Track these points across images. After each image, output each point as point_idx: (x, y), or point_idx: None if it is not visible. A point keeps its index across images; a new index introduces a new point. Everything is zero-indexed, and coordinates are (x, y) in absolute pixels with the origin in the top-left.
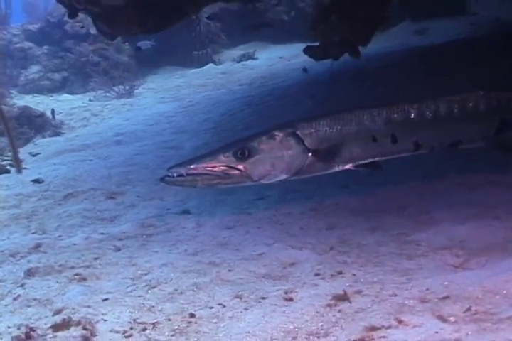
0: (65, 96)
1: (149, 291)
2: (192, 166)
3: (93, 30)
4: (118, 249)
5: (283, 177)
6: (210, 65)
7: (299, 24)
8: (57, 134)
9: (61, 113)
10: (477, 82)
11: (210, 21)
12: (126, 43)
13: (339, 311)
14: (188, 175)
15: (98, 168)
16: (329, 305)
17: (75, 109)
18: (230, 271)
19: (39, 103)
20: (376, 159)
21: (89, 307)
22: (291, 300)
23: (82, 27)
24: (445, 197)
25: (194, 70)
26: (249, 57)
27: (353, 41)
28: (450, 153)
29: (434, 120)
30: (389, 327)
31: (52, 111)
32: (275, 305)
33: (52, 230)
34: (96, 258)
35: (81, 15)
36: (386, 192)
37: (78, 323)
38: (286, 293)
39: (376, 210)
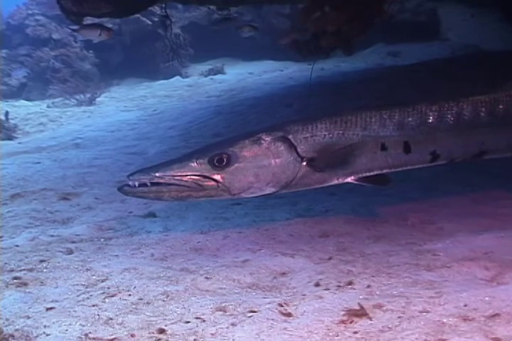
0: (22, 102)
1: (107, 300)
2: (157, 174)
3: (56, 35)
4: (70, 252)
5: (269, 190)
6: (177, 77)
7: (270, 41)
8: (10, 138)
9: (16, 118)
10: (454, 94)
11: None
12: (91, 51)
13: (357, 330)
14: (152, 184)
15: (52, 168)
16: (343, 322)
17: (31, 114)
18: (207, 278)
19: None
20: (384, 171)
21: (28, 317)
22: (289, 315)
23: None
24: (449, 209)
25: (160, 82)
26: (218, 71)
27: (348, 33)
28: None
29: (457, 125)
30: None
31: (6, 113)
32: (271, 319)
33: None
34: (42, 261)
35: (45, 20)
36: (380, 202)
37: (11, 337)
38: (281, 305)
39: (373, 220)
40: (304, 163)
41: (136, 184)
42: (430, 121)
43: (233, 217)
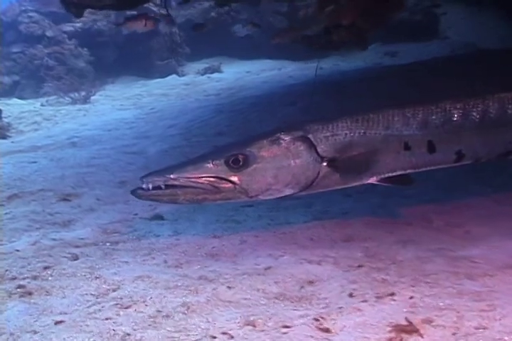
0: (15, 101)
1: (121, 313)
2: (172, 176)
3: (49, 33)
4: (75, 258)
5: (288, 192)
6: (173, 75)
7: (267, 40)
8: (4, 137)
9: (9, 116)
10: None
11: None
12: (85, 49)
13: None
14: (166, 187)
15: (50, 168)
16: (391, 340)
17: (25, 113)
18: (229, 288)
19: None
20: (407, 172)
21: (35, 332)
22: (327, 330)
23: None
24: (473, 210)
25: (156, 80)
26: (215, 70)
27: (362, 27)
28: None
29: (483, 123)
30: None
31: None
32: (310, 337)
33: None
34: (46, 268)
35: (38, 17)
36: (399, 203)
37: None
38: (316, 319)
39: (395, 222)
40: (325, 164)
41: (150, 186)
42: (455, 119)
43: (245, 219)
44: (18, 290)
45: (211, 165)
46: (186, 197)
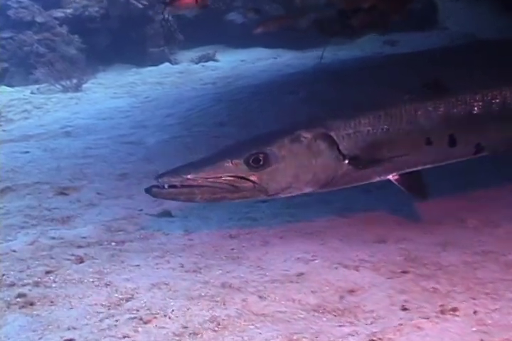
0: (4, 88)
1: (140, 329)
2: (189, 176)
3: (39, 18)
4: (80, 260)
5: (307, 190)
6: (166, 64)
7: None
8: None
9: None
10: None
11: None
12: (76, 36)
13: None
14: (183, 186)
15: (44, 159)
16: None
17: (15, 101)
18: (261, 298)
19: None
20: (427, 166)
21: None
22: None
23: None
24: (506, 207)
25: (149, 68)
26: (209, 58)
27: (384, 10)
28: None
29: (501, 115)
30: None
31: None
32: None
33: None
34: (48, 273)
35: (28, 2)
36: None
37: None
38: (371, 340)
39: (425, 221)
40: (346, 161)
41: (166, 186)
42: (476, 111)
43: (262, 217)
44: (18, 299)
45: (230, 165)
46: (204, 196)
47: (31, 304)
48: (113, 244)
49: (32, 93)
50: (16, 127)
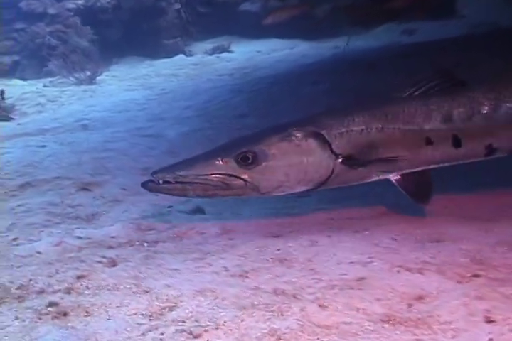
0: (15, 81)
1: None
2: (181, 173)
3: (51, 10)
4: (113, 263)
5: (301, 189)
6: (180, 55)
7: None
8: (6, 119)
9: (11, 98)
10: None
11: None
12: (88, 27)
13: None
14: (176, 182)
15: (63, 153)
16: None
17: (28, 94)
18: (321, 307)
19: None
20: (431, 167)
21: None
22: None
23: None
24: None
25: (163, 60)
26: (224, 49)
27: None
28: None
29: None
30: None
31: (2, 92)
32: None
33: (4, 230)
34: (80, 277)
35: None
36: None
37: None
38: None
39: (477, 217)
40: (340, 161)
41: (161, 182)
42: (485, 111)
43: (301, 213)
44: (50, 309)
45: (220, 163)
46: (196, 192)
47: (64, 314)
48: (145, 244)
49: (45, 86)
50: (30, 120)
